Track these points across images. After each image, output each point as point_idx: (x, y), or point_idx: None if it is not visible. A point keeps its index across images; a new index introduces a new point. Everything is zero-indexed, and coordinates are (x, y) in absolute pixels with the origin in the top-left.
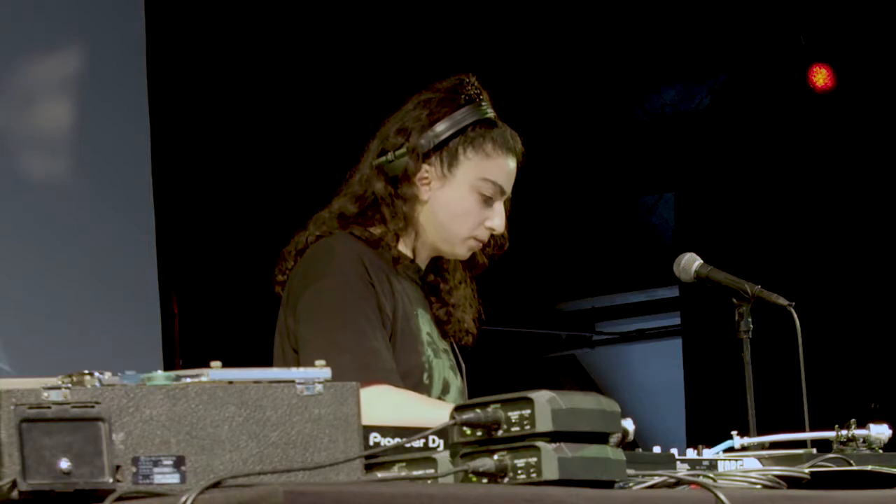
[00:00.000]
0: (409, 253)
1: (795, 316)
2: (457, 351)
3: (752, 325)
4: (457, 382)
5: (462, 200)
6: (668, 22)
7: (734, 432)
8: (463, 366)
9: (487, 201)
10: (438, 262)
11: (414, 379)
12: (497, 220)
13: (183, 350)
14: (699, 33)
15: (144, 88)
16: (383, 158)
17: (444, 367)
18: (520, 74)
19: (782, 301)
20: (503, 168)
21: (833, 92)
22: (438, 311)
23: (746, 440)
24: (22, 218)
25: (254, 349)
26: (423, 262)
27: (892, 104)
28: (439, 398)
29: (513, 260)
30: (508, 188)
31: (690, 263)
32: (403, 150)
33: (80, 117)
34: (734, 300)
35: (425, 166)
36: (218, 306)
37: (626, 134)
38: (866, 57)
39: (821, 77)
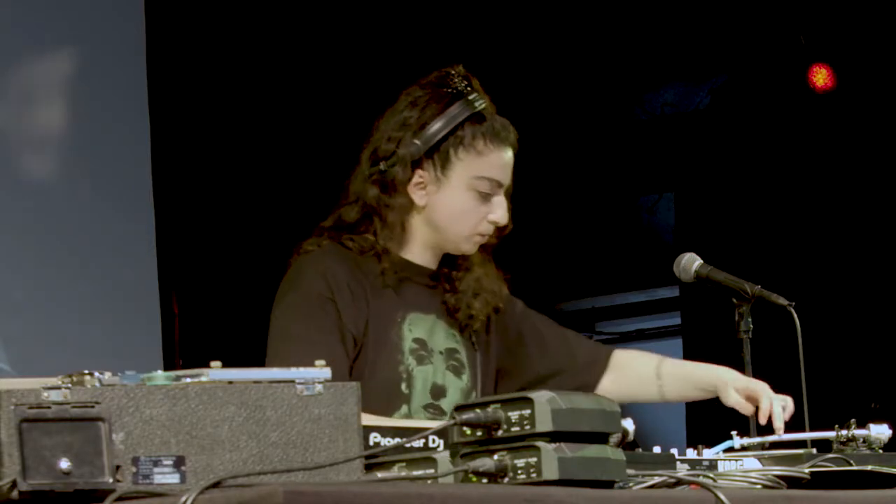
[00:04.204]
0: (410, 256)
1: (795, 316)
2: (471, 347)
3: (752, 325)
4: (459, 383)
5: (460, 201)
6: (668, 22)
7: (734, 432)
8: (478, 361)
9: (486, 197)
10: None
11: (390, 389)
12: (498, 212)
13: (183, 350)
14: (699, 33)
15: (144, 88)
16: (375, 169)
17: (434, 372)
18: (520, 74)
19: (782, 301)
20: (497, 162)
21: (833, 92)
22: (450, 300)
23: (746, 440)
24: (22, 218)
25: (254, 349)
26: (430, 262)
27: (892, 104)
28: (430, 405)
29: (513, 260)
30: (506, 179)
31: (690, 263)
32: (394, 159)
33: (80, 117)
34: (734, 300)
35: (419, 171)
36: (218, 306)
37: (626, 134)
38: (866, 57)
39: (821, 77)
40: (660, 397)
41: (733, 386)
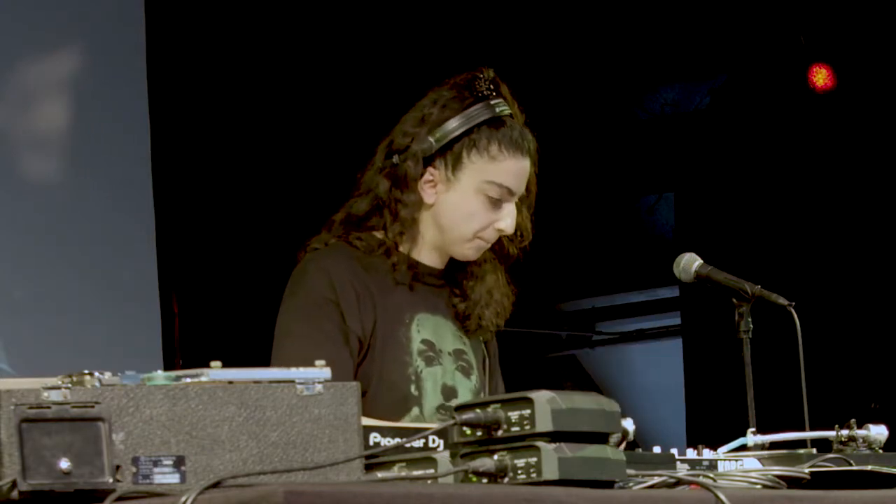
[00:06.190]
0: (418, 256)
1: (795, 316)
2: (479, 348)
3: (752, 325)
4: (469, 384)
5: (467, 204)
6: (668, 22)
7: (751, 430)
8: (486, 361)
9: (495, 203)
10: None
11: (400, 391)
12: (507, 220)
13: (183, 350)
14: (699, 33)
15: (144, 89)
16: (388, 162)
17: (443, 373)
18: (519, 74)
19: (782, 301)
20: (510, 169)
21: (833, 92)
22: (460, 306)
23: (760, 438)
24: (22, 218)
25: (254, 349)
26: (437, 262)
27: (892, 104)
28: (442, 406)
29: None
30: (518, 188)
31: (690, 263)
32: (407, 154)
33: (80, 117)
34: (734, 300)
35: (431, 169)
36: (218, 306)
37: (626, 134)
38: (866, 57)
39: (821, 77)
40: None
41: None
